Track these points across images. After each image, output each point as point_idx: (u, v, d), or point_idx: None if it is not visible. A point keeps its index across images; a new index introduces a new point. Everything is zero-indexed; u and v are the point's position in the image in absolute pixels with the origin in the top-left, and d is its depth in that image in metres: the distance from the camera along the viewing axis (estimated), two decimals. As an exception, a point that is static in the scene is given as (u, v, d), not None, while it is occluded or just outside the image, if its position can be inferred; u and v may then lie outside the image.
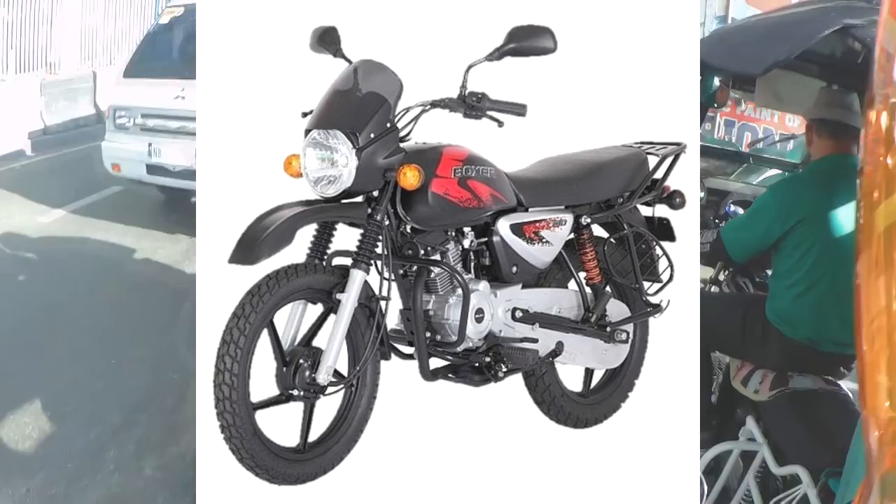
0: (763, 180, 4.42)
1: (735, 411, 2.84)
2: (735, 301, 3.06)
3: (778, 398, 2.61)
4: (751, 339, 2.75)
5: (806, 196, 2.70)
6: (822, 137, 2.83)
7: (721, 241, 2.82)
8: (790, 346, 2.66)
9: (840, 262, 2.51)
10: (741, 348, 2.83)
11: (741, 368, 2.83)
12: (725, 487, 2.73)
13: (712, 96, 3.12)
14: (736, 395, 2.84)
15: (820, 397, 2.59)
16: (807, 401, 2.57)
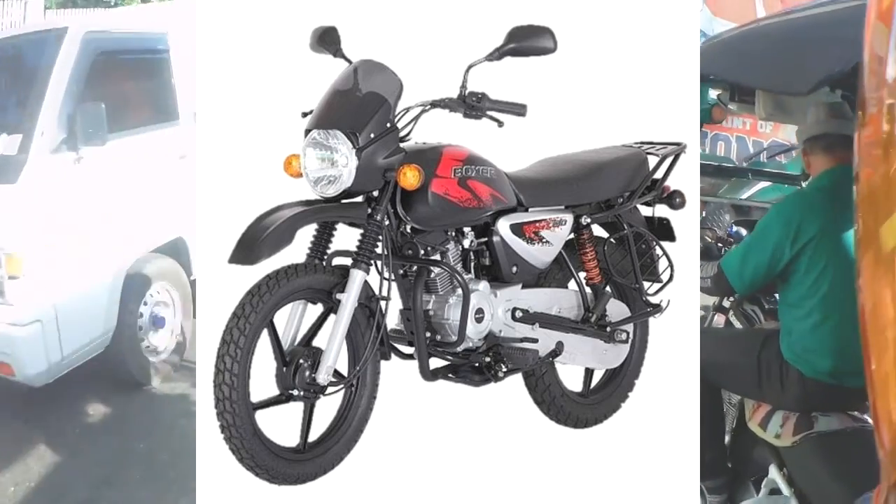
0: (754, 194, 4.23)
1: (752, 453, 2.64)
2: (747, 339, 2.80)
3: (803, 443, 2.38)
4: (767, 380, 2.51)
5: (814, 213, 2.45)
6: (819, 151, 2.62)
7: (723, 273, 2.57)
8: (812, 385, 2.43)
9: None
10: (758, 390, 2.57)
11: (758, 409, 2.60)
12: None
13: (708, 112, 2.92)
14: (752, 436, 2.62)
15: (848, 437, 2.37)
16: (835, 443, 2.35)
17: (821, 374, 2.40)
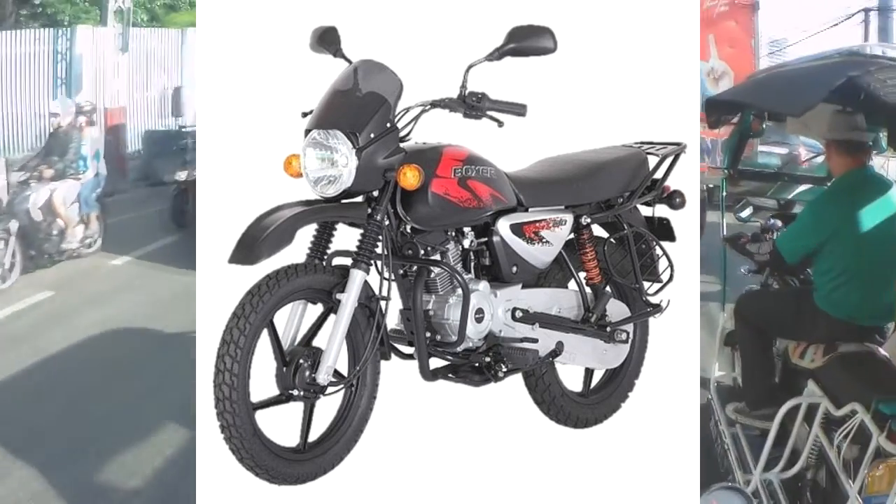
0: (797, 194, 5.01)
1: (796, 385, 3.34)
2: (788, 294, 3.77)
3: (831, 361, 3.20)
4: (803, 322, 3.40)
5: (835, 211, 3.31)
6: (840, 155, 3.40)
7: (777, 249, 3.51)
8: (837, 323, 3.28)
9: (868, 256, 3.22)
10: (796, 330, 3.47)
11: (797, 347, 3.44)
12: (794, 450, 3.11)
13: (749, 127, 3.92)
14: (794, 371, 3.44)
15: (863, 356, 3.22)
16: (853, 358, 3.18)
17: (844, 316, 3.27)
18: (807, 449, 3.03)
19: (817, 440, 2.96)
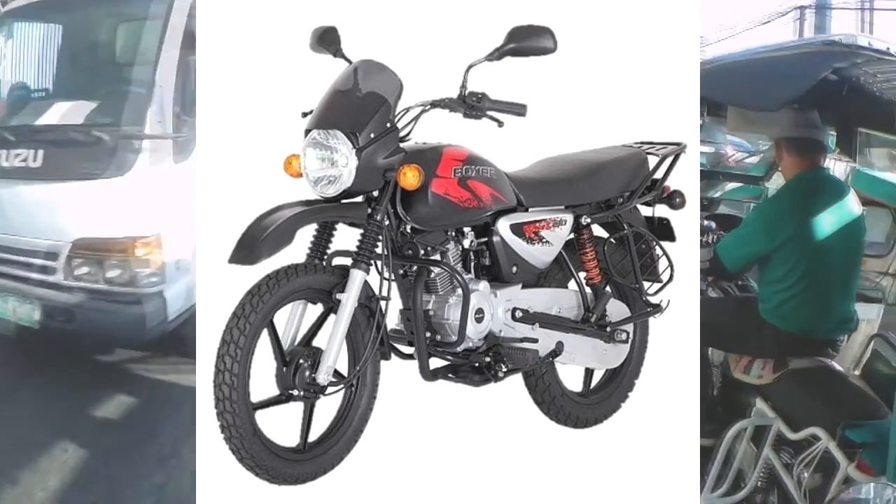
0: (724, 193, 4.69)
1: (738, 398, 3.14)
2: (727, 304, 3.39)
3: (782, 378, 2.96)
4: (747, 335, 3.08)
5: (788, 216, 2.95)
6: (791, 155, 3.04)
7: (718, 258, 3.10)
8: (786, 337, 2.98)
9: (824, 266, 2.92)
10: (738, 344, 3.15)
11: (740, 360, 3.13)
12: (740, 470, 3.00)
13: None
14: (737, 384, 3.15)
15: (819, 372, 2.96)
16: (808, 375, 2.94)
17: (796, 330, 2.97)
18: (756, 471, 2.88)
19: (768, 461, 2.82)
